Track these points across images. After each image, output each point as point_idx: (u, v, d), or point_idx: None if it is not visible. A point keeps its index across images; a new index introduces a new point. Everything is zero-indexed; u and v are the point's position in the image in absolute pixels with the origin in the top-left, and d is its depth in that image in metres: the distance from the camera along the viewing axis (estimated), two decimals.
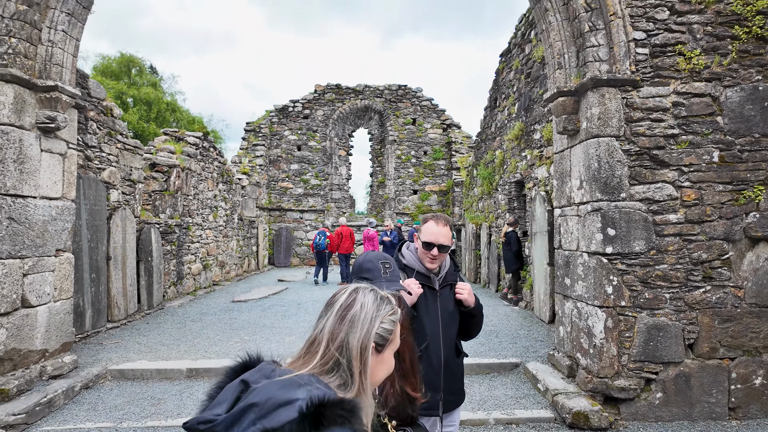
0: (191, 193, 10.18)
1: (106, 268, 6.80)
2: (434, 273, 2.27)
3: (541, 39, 4.99)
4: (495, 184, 10.51)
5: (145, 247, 7.98)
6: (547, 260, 6.91)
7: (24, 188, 4.36)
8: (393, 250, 12.31)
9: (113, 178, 7.12)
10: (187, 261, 10.01)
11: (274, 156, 17.52)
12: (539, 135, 7.65)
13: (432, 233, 2.20)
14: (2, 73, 4.14)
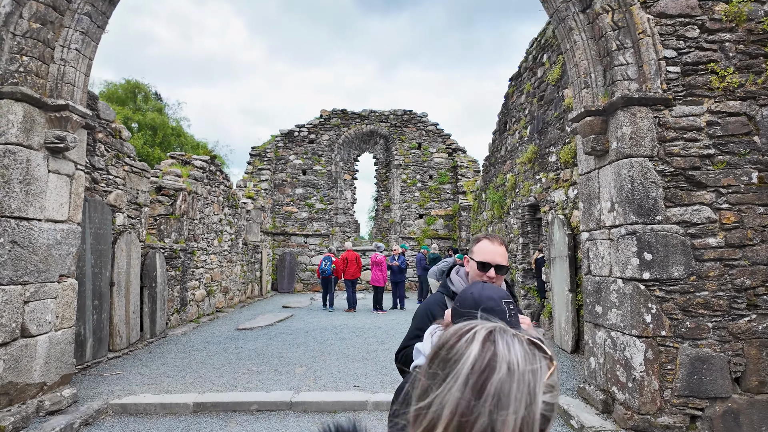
0: (197, 217, 9.98)
1: (109, 295, 6.53)
2: None
3: (565, 59, 4.88)
4: (506, 207, 10.32)
5: (149, 272, 7.72)
6: (568, 286, 6.65)
7: (29, 210, 4.16)
8: (401, 275, 12.00)
9: (119, 202, 6.93)
10: (191, 287, 9.72)
11: (279, 180, 17.41)
12: (555, 158, 7.50)
13: (487, 252, 1.97)
14: (12, 91, 4.00)
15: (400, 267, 11.95)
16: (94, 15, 4.56)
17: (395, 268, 11.92)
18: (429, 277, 10.41)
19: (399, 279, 12.02)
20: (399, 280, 12.04)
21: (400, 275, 11.98)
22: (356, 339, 8.05)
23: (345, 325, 9.45)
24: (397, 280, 12.01)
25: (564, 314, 6.80)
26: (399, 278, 12.02)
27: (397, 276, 11.99)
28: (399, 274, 11.98)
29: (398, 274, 11.98)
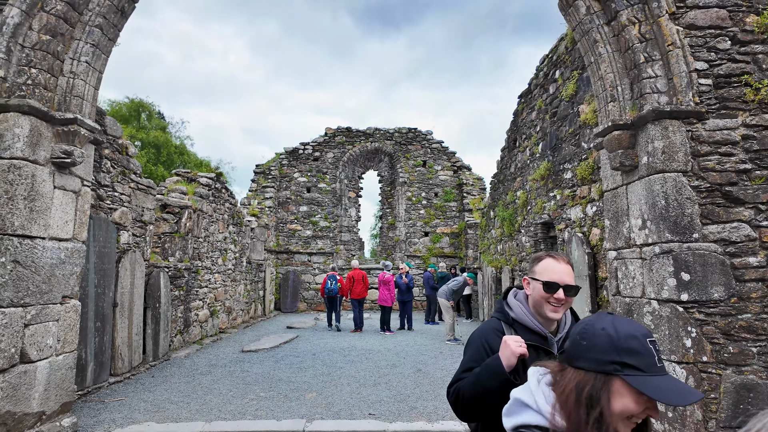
0: (202, 236, 9.78)
1: (112, 316, 6.28)
2: (551, 331, 1.82)
3: (588, 72, 4.74)
4: (517, 225, 10.12)
5: (153, 292, 7.48)
6: (589, 307, 6.40)
7: (33, 228, 3.96)
8: (409, 294, 11.70)
9: (124, 219, 6.73)
10: (195, 307, 9.46)
11: (283, 198, 17.26)
12: (571, 174, 7.33)
13: (554, 271, 1.76)
14: (20, 104, 3.84)
15: (408, 286, 11.67)
16: (106, 27, 4.45)
17: (403, 287, 11.61)
18: (439, 297, 10.16)
19: (407, 298, 11.73)
20: (407, 300, 11.74)
21: (407, 294, 11.69)
22: (366, 362, 7.75)
23: (353, 347, 9.15)
24: (404, 299, 11.72)
25: None
26: (407, 297, 11.72)
27: (405, 295, 11.70)
28: (407, 293, 11.69)
29: (406, 293, 11.69)
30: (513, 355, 1.65)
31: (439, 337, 10.45)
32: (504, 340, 1.71)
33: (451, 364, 7.52)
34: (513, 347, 1.65)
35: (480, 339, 1.83)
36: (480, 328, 1.91)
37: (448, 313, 9.67)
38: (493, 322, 1.90)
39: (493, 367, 1.67)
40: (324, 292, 12.21)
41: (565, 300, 1.75)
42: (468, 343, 1.89)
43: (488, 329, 1.87)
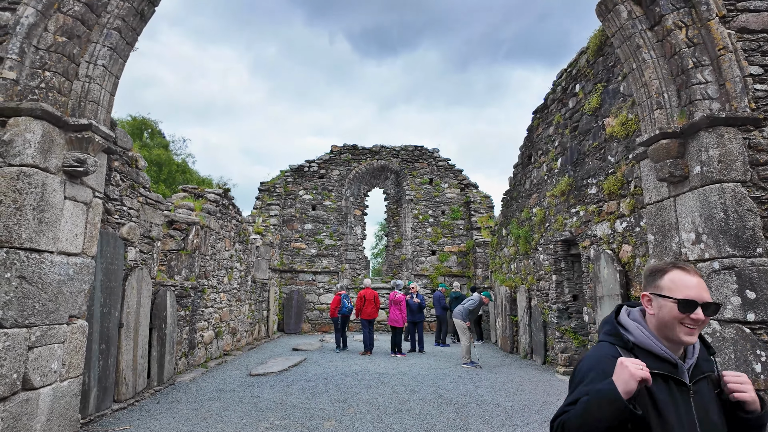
0: (209, 253, 9.44)
1: (117, 338, 5.90)
2: (680, 356, 1.51)
3: (630, 79, 4.52)
4: (534, 243, 9.83)
5: (159, 312, 7.11)
6: None
7: (41, 241, 3.65)
8: (420, 315, 11.27)
9: (132, 235, 6.42)
10: (200, 328, 9.05)
11: (288, 216, 16.97)
12: (596, 189, 7.09)
13: (689, 286, 1.46)
14: (32, 108, 3.58)
15: (420, 305, 11.28)
16: (124, 30, 4.23)
17: (414, 307, 11.20)
18: (454, 318, 9.78)
19: (418, 319, 11.32)
20: (418, 320, 11.33)
21: (419, 314, 11.29)
22: (382, 387, 7.34)
23: (365, 371, 8.73)
24: (416, 320, 11.30)
25: None
26: (418, 318, 11.32)
27: (416, 315, 11.29)
28: (418, 314, 11.29)
29: (417, 314, 11.29)
30: (632, 378, 1.34)
31: (454, 360, 10.03)
32: (620, 361, 1.40)
33: (473, 389, 7.12)
34: (632, 369, 1.35)
35: (596, 368, 1.51)
36: (589, 356, 1.60)
37: (464, 335, 9.28)
38: (604, 347, 1.58)
39: (606, 393, 1.36)
40: (337, 312, 11.83)
41: (704, 320, 1.45)
42: (578, 372, 1.57)
43: (601, 356, 1.55)
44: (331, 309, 12.11)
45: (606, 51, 6.83)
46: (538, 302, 9.58)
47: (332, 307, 12.05)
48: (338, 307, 11.96)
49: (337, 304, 11.97)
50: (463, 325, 9.31)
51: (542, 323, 9.24)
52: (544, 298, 9.31)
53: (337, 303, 11.98)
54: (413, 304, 11.21)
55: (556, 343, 8.66)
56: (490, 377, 8.06)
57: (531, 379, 7.82)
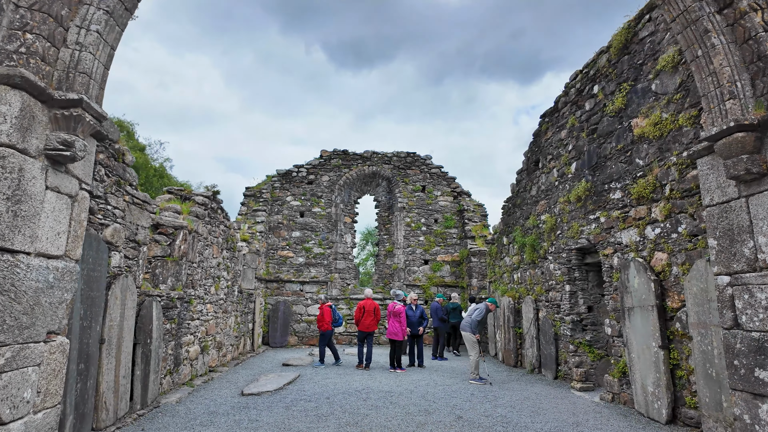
0: (196, 260, 8.67)
1: (98, 356, 5.12)
2: None
3: (692, 68, 4.12)
4: (543, 251, 9.42)
5: (144, 326, 6.32)
6: (658, 342, 5.64)
7: (15, 239, 2.95)
8: (419, 327, 10.66)
9: (117, 238, 5.66)
10: (186, 342, 8.24)
11: (275, 223, 16.20)
12: (620, 194, 6.71)
13: None
14: (9, 74, 2.90)
15: (421, 317, 10.71)
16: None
17: (414, 318, 10.64)
18: (462, 331, 9.21)
19: (416, 331, 10.72)
20: (418, 333, 10.74)
21: (419, 327, 10.70)
22: (393, 407, 6.71)
23: (368, 389, 8.07)
24: (416, 332, 10.74)
25: (651, 375, 5.74)
26: (416, 330, 10.72)
27: (416, 328, 10.69)
28: (417, 325, 10.69)
29: (417, 326, 10.68)
30: None
31: (460, 375, 9.47)
32: None
33: (492, 408, 6.57)
34: None
35: None
36: None
37: (473, 349, 8.73)
38: None
39: None
40: (328, 325, 11.05)
41: None
42: None
43: None
44: (324, 322, 11.18)
45: (633, 49, 6.51)
46: (548, 314, 9.14)
47: (326, 320, 11.13)
48: (331, 319, 11.22)
49: (330, 316, 11.19)
50: (473, 339, 8.77)
51: (553, 336, 8.79)
52: (555, 309, 8.88)
53: (329, 315, 11.20)
54: (413, 316, 10.62)
55: (570, 357, 8.21)
56: (505, 394, 7.53)
57: (548, 397, 7.33)
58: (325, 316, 11.11)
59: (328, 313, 11.13)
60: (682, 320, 5.39)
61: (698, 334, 4.96)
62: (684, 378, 5.36)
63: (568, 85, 8.57)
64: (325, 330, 11.14)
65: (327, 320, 11.04)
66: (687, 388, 5.31)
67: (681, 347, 5.42)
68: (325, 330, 11.14)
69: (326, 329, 11.10)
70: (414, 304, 10.97)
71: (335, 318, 11.10)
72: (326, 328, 11.09)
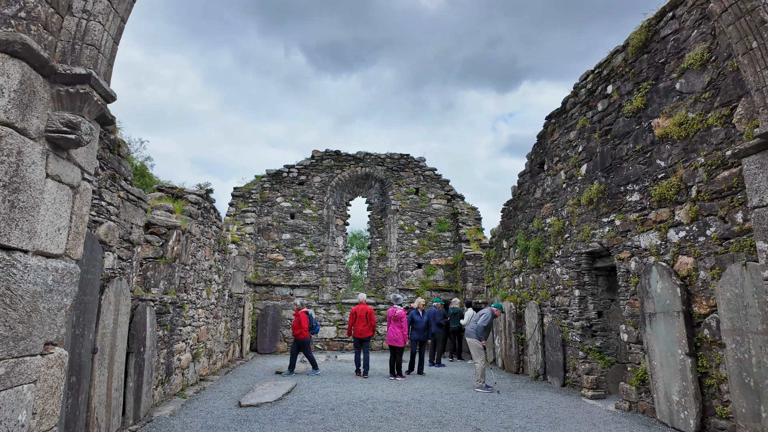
0: (189, 263, 8.16)
1: (90, 367, 4.63)
2: None
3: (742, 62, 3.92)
4: (549, 255, 9.22)
5: (137, 333, 5.82)
6: (685, 350, 5.44)
7: (12, 234, 2.51)
8: (426, 333, 10.32)
9: (111, 237, 5.17)
10: (178, 350, 7.72)
11: (264, 224, 15.67)
12: (638, 196, 6.54)
13: None
14: (9, 40, 2.47)
15: (428, 323, 10.40)
16: None
17: (421, 325, 10.28)
18: (467, 337, 8.92)
19: (423, 337, 10.43)
20: (423, 339, 10.44)
21: (425, 333, 10.39)
22: (403, 419, 6.35)
23: (372, 398, 7.69)
24: (421, 338, 10.41)
25: (677, 384, 5.54)
26: (423, 336, 10.43)
27: (422, 334, 10.41)
28: (423, 332, 10.38)
29: (423, 332, 10.37)
30: None
31: (463, 383, 9.17)
32: None
33: (508, 419, 6.27)
34: None
35: None
36: None
37: (479, 356, 8.44)
38: None
39: None
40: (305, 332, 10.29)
41: None
42: None
43: None
44: (302, 329, 10.28)
45: (653, 48, 6.36)
46: (554, 319, 8.93)
47: (304, 327, 10.32)
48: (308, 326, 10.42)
49: (306, 322, 10.40)
50: (479, 345, 8.48)
51: (560, 342, 8.58)
52: (563, 314, 8.67)
53: (306, 321, 10.41)
54: (421, 322, 10.28)
55: (580, 364, 8.00)
56: (516, 403, 7.25)
57: (561, 405, 7.08)
58: (302, 323, 10.30)
59: (305, 319, 10.38)
60: (712, 327, 5.20)
61: (733, 342, 4.77)
62: (714, 387, 5.16)
63: (577, 86, 8.42)
64: (303, 338, 10.30)
65: (304, 327, 10.29)
66: (717, 397, 5.11)
67: (710, 355, 5.23)
68: (303, 338, 10.30)
69: (304, 337, 10.30)
70: (421, 309, 10.57)
71: (312, 325, 10.56)
72: (304, 336, 10.30)
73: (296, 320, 10.39)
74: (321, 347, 14.94)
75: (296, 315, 10.44)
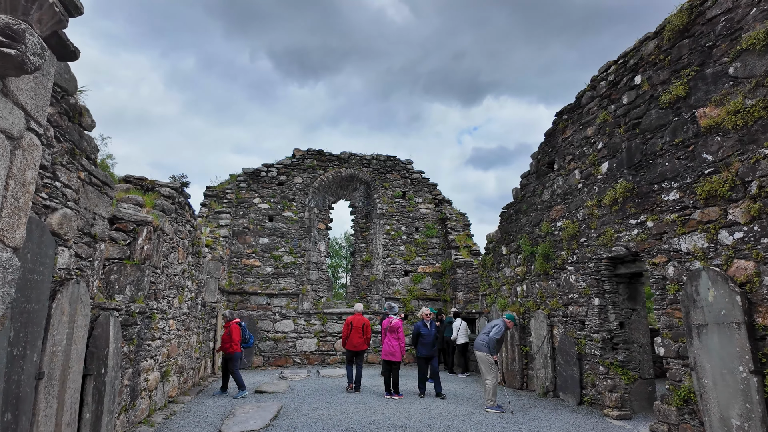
0: (160, 265, 7.00)
1: (32, 398, 3.49)
2: None
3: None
4: (560, 261, 8.55)
5: (98, 350, 4.68)
6: (749, 367, 4.78)
7: None
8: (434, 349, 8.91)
9: (66, 228, 4.06)
10: (145, 369, 6.53)
11: (240, 227, 14.45)
12: (677, 194, 5.92)
13: None
14: None
15: (436, 336, 9.13)
16: None
17: (430, 339, 8.85)
18: (478, 351, 8.06)
19: (433, 354, 8.95)
20: (432, 356, 8.94)
21: (432, 348, 8.93)
22: None
23: (375, 424, 6.71)
24: (430, 354, 8.91)
25: (737, 406, 4.86)
26: (432, 352, 8.94)
27: (431, 350, 8.91)
28: (432, 348, 8.92)
29: (431, 348, 8.92)
30: None
31: (470, 402, 8.31)
32: None
33: None
34: None
35: None
36: None
37: (490, 372, 7.61)
38: None
39: None
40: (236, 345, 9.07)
41: None
42: None
43: None
44: (233, 342, 9.03)
45: (696, 31, 5.79)
46: (567, 330, 8.23)
47: (235, 340, 9.06)
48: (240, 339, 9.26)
49: (239, 335, 9.18)
50: (490, 360, 7.65)
51: (576, 355, 7.87)
52: (578, 325, 7.98)
53: (239, 334, 9.19)
54: (428, 335, 8.88)
55: (600, 381, 7.30)
56: (537, 427, 6.45)
57: (588, 428, 6.33)
58: (233, 335, 9.10)
59: (237, 331, 9.22)
60: None
61: None
62: None
63: (596, 79, 7.84)
64: (233, 352, 9.04)
65: (236, 340, 9.09)
66: None
67: None
68: (233, 352, 9.04)
69: (234, 351, 9.06)
70: (427, 320, 9.04)
71: (245, 338, 9.44)
72: (234, 350, 9.07)
73: (226, 332, 9.08)
74: (300, 361, 13.78)
75: (227, 326, 9.16)
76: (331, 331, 14.09)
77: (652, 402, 7.11)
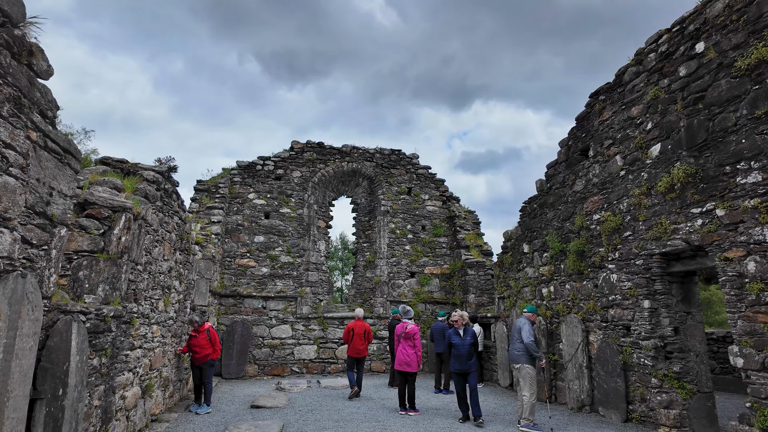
0: (142, 261, 5.93)
1: None
2: None
3: None
4: (598, 259, 7.60)
5: (54, 365, 3.61)
6: None
7: None
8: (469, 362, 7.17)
9: (8, 203, 3.01)
10: (121, 384, 5.44)
11: (233, 224, 13.36)
12: (759, 176, 5.00)
13: None
14: None
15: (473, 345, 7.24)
16: None
17: (464, 350, 7.12)
18: (514, 363, 6.84)
19: (468, 367, 7.16)
20: (468, 369, 7.15)
21: (469, 359, 7.16)
22: None
23: None
24: (465, 369, 7.14)
25: None
26: (467, 365, 7.16)
27: (465, 363, 7.13)
28: (467, 357, 7.14)
29: (466, 361, 7.14)
30: None
31: (498, 419, 7.29)
32: None
33: None
34: None
35: None
36: None
37: (530, 387, 6.57)
38: None
39: None
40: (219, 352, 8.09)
41: None
42: None
43: None
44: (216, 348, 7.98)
45: None
46: (608, 337, 7.27)
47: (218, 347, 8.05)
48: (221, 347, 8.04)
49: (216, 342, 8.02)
50: (531, 373, 6.64)
51: (620, 365, 6.91)
52: (621, 331, 7.03)
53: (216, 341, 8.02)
54: (462, 345, 7.17)
55: (653, 395, 6.34)
56: None
57: None
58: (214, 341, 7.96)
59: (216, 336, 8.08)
60: None
61: None
62: None
63: (641, 52, 6.94)
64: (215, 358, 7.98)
65: (218, 347, 8.05)
66: None
67: None
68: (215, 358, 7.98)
69: (216, 357, 8.02)
70: (460, 326, 7.40)
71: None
72: (217, 356, 8.02)
73: (204, 337, 7.87)
74: (298, 370, 12.69)
75: (202, 331, 7.92)
76: (332, 337, 13.03)
77: (712, 420, 6.17)
